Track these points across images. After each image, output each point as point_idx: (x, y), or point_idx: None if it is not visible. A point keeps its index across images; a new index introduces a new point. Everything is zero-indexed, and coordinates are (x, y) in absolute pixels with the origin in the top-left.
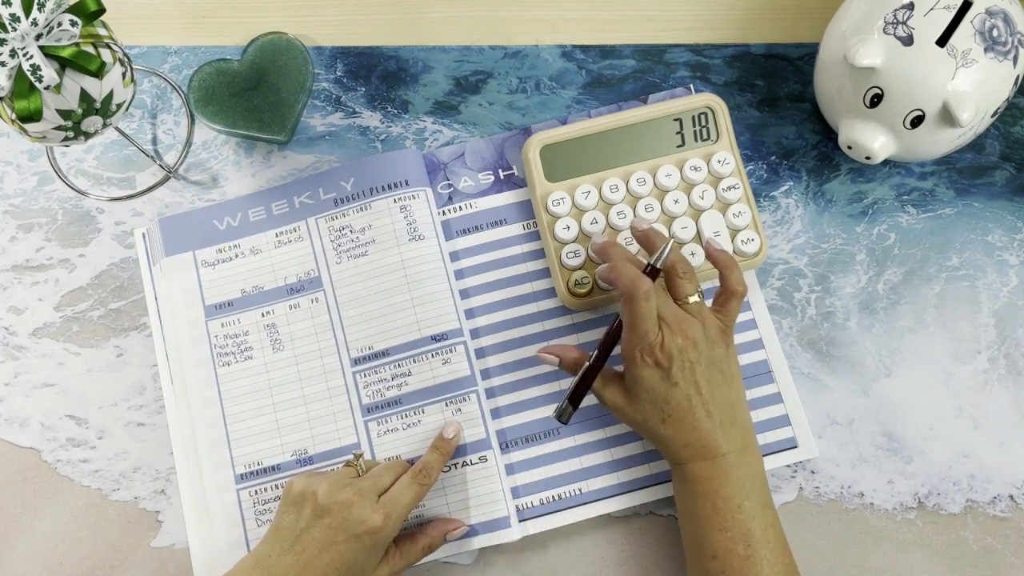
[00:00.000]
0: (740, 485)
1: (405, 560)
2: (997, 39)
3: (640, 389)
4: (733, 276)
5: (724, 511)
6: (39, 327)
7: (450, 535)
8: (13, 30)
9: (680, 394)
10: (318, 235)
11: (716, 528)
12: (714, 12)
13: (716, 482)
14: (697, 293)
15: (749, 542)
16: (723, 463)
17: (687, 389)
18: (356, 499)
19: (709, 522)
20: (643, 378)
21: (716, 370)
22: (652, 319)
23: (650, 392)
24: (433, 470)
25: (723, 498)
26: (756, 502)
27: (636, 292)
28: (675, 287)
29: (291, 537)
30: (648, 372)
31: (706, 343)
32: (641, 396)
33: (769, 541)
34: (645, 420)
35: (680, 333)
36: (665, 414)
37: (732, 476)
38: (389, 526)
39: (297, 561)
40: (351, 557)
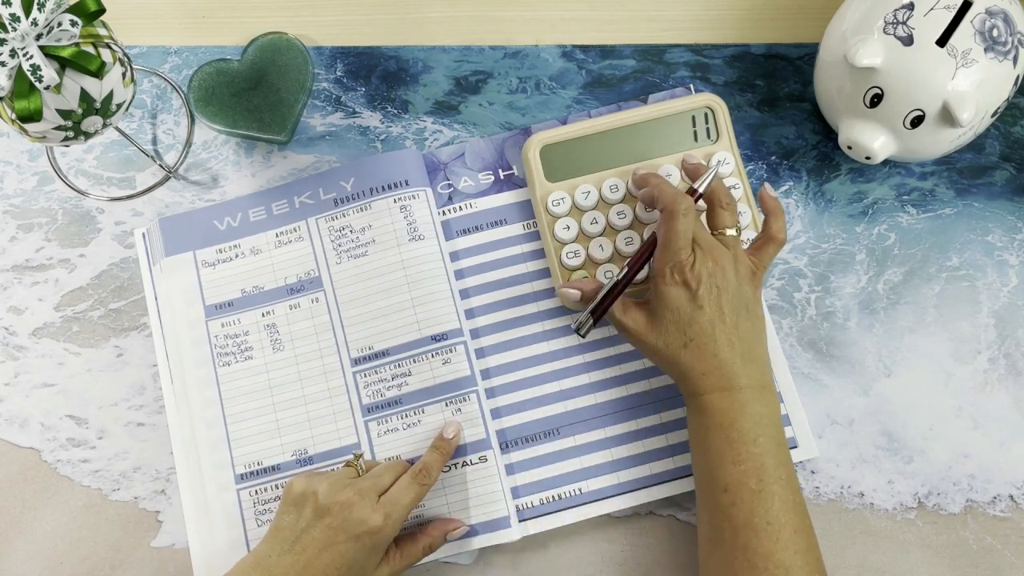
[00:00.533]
0: (756, 420)
1: (405, 560)
2: (997, 39)
3: (665, 309)
4: (777, 222)
5: (738, 444)
6: (39, 327)
7: (450, 535)
8: (13, 30)
9: (704, 318)
10: (318, 235)
11: (729, 461)
12: (714, 12)
13: (732, 414)
14: (736, 228)
15: (761, 476)
16: (740, 396)
17: (712, 314)
18: (356, 499)
19: (722, 455)
20: (669, 296)
21: (742, 305)
22: (687, 238)
23: (675, 312)
24: (433, 470)
25: (738, 431)
26: (771, 439)
27: (676, 207)
28: (716, 216)
29: (291, 537)
30: (675, 291)
31: (735, 275)
32: (665, 317)
33: (781, 478)
34: (667, 344)
35: (712, 258)
36: (688, 338)
37: (748, 410)
38: (389, 526)
39: (297, 561)
40: (351, 557)
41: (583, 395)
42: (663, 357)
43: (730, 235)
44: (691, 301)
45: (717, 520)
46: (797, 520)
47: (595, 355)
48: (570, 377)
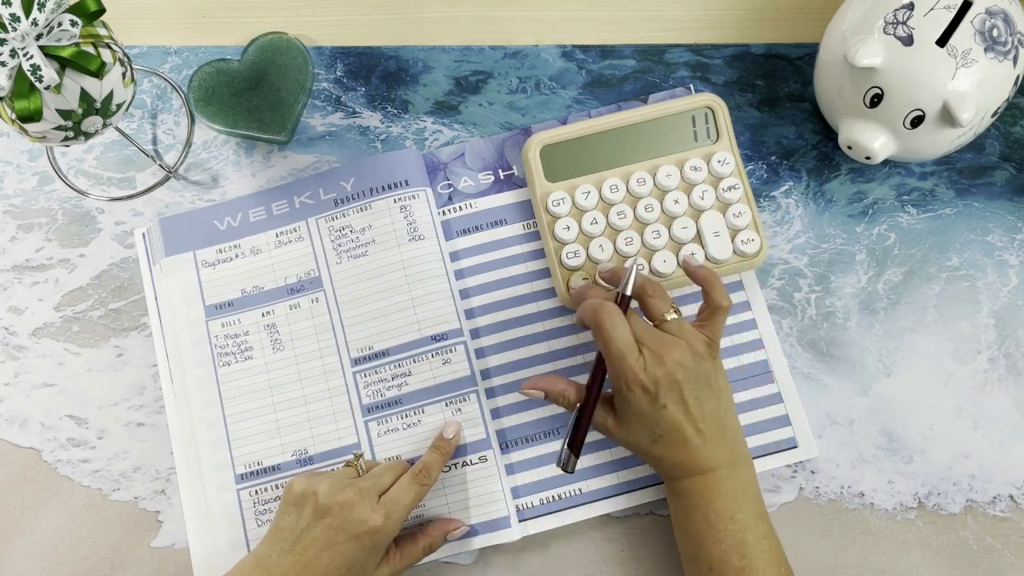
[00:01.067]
0: (732, 497)
1: (406, 560)
2: (997, 39)
3: (630, 414)
4: (716, 292)
5: (717, 523)
6: (39, 327)
7: (451, 535)
8: (13, 30)
9: (669, 416)
10: (318, 235)
11: (710, 540)
12: (714, 12)
13: (708, 495)
14: (673, 310)
15: (744, 552)
16: (714, 476)
17: (675, 410)
18: (357, 499)
19: (703, 535)
20: (631, 403)
21: (704, 386)
22: (627, 343)
23: (639, 416)
24: (433, 470)
25: (715, 510)
26: (749, 513)
27: (601, 319)
28: (649, 308)
29: (292, 537)
30: (635, 398)
31: (692, 360)
32: (631, 420)
33: (764, 551)
34: (636, 442)
35: (664, 356)
36: (656, 435)
37: (723, 488)
38: (390, 526)
39: (298, 561)
40: (352, 557)
41: None
42: (636, 451)
43: (672, 320)
44: (653, 403)
45: None
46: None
47: (594, 355)
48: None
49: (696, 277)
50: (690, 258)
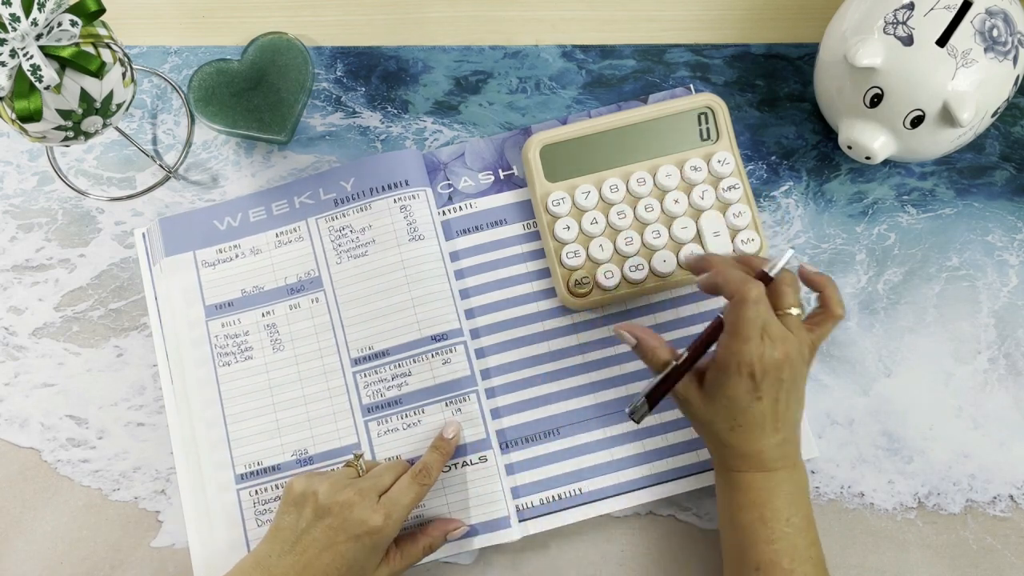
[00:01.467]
0: (790, 500)
1: (406, 560)
2: (997, 39)
3: (721, 395)
4: (835, 298)
5: (772, 523)
6: (39, 327)
7: (451, 535)
8: (13, 30)
9: (760, 408)
10: (318, 235)
11: (762, 540)
12: (714, 12)
13: (767, 494)
14: (798, 306)
15: (793, 556)
16: (776, 477)
17: (768, 405)
18: (357, 499)
19: (755, 533)
20: (730, 385)
21: (796, 388)
22: (758, 327)
23: (731, 399)
24: (433, 470)
25: (772, 510)
26: (803, 518)
27: (747, 295)
28: (781, 296)
29: (291, 538)
30: (738, 382)
31: (798, 360)
32: (719, 400)
33: (811, 558)
34: (713, 423)
35: (781, 349)
36: (737, 423)
37: (783, 490)
38: (390, 526)
39: (298, 562)
40: (352, 557)
41: (583, 395)
42: (706, 431)
43: (795, 315)
44: (751, 392)
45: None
46: None
47: (595, 355)
48: (570, 377)
49: (813, 283)
50: (807, 266)
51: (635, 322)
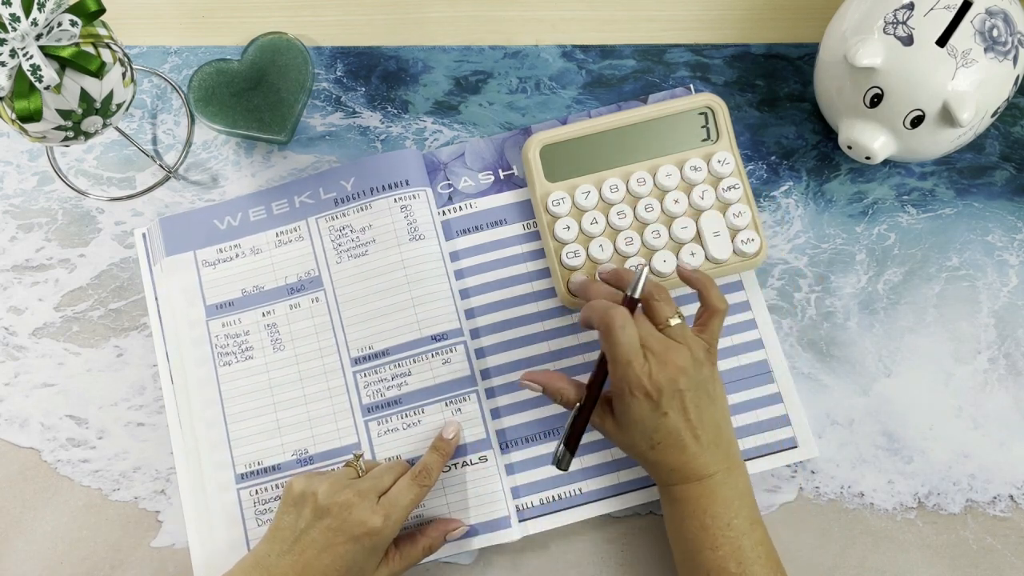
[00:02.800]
0: (727, 504)
1: (405, 561)
2: (997, 39)
3: (629, 420)
4: (712, 294)
5: (713, 529)
6: (39, 327)
7: (450, 535)
8: (13, 30)
9: (669, 423)
10: (318, 235)
11: (707, 547)
12: (714, 12)
13: (704, 501)
14: (677, 315)
15: (740, 559)
16: (710, 483)
17: (676, 418)
18: (356, 500)
19: (699, 541)
20: (632, 408)
21: (703, 393)
22: (634, 348)
23: (639, 423)
24: (433, 471)
25: (711, 516)
26: (744, 519)
27: (612, 323)
28: (655, 312)
29: (291, 537)
30: (638, 404)
31: (693, 367)
32: (630, 424)
33: (760, 557)
34: (633, 445)
35: (668, 362)
36: (654, 442)
37: (719, 495)
38: (389, 527)
39: (297, 562)
40: (351, 559)
41: None
42: (633, 455)
43: (676, 324)
44: (655, 410)
45: None
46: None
47: (595, 355)
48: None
49: (691, 282)
50: (683, 264)
51: None
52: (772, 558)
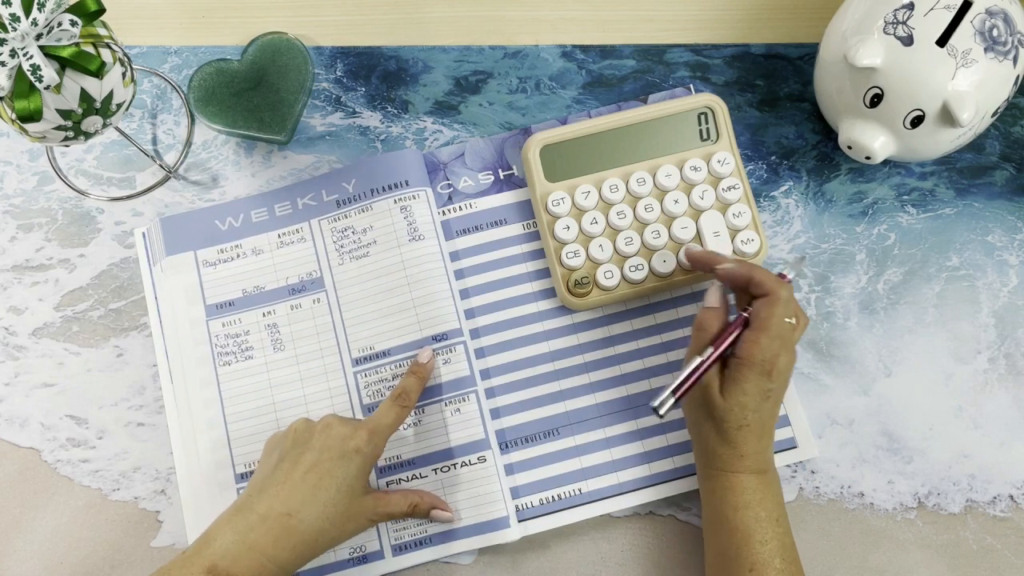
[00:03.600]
0: (779, 500)
1: (388, 506)
2: (997, 39)
3: (738, 390)
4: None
5: (767, 523)
6: (39, 327)
7: (435, 511)
8: (13, 30)
9: (767, 408)
10: (321, 236)
11: (757, 540)
12: (714, 12)
13: (760, 494)
14: (795, 316)
15: (784, 556)
16: (768, 477)
17: (772, 406)
18: (336, 421)
19: (751, 533)
20: (749, 382)
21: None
22: (784, 328)
23: (747, 396)
24: (411, 392)
25: (766, 510)
26: (786, 518)
27: (781, 295)
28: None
29: (268, 472)
30: (758, 380)
31: (792, 370)
32: (734, 396)
33: (796, 559)
34: (724, 419)
35: (788, 352)
36: (746, 422)
37: (773, 490)
38: (373, 444)
39: (281, 490)
40: (340, 476)
41: (583, 395)
42: (710, 431)
43: (790, 323)
44: (764, 391)
45: None
46: None
47: (595, 355)
48: (570, 377)
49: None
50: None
51: (636, 322)
52: (801, 565)
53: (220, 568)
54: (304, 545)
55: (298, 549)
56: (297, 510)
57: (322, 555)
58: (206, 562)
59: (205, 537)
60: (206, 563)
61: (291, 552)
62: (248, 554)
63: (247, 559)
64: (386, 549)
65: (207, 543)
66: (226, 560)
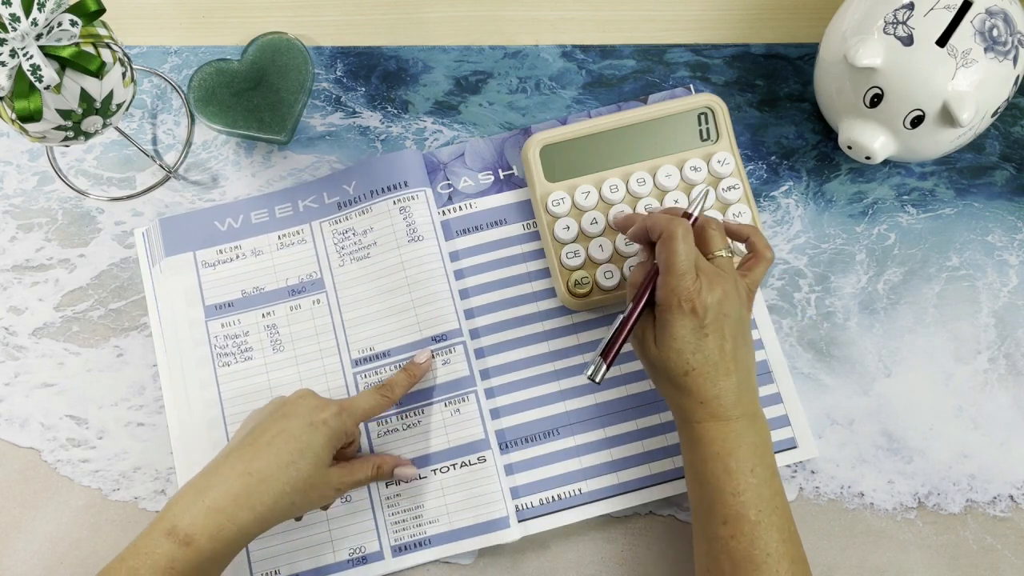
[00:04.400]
0: (753, 449)
1: (354, 475)
2: (997, 39)
3: (670, 336)
4: (760, 241)
5: (737, 474)
6: (39, 327)
7: (399, 469)
8: (13, 30)
9: (709, 346)
10: (322, 238)
11: (728, 492)
12: (714, 12)
13: (730, 444)
14: (727, 249)
15: (760, 507)
16: (736, 426)
17: (717, 342)
18: (309, 393)
19: (721, 486)
20: (676, 325)
21: (741, 331)
22: (691, 262)
23: (680, 340)
24: (397, 387)
25: (737, 460)
26: (766, 468)
27: (674, 231)
28: (708, 239)
29: (238, 440)
30: (683, 320)
31: (737, 300)
32: (670, 343)
33: (778, 508)
34: (667, 369)
35: (716, 286)
36: (690, 366)
37: (745, 439)
38: (343, 420)
39: (245, 453)
40: (304, 441)
41: (583, 395)
42: (664, 379)
43: (724, 256)
44: (697, 330)
45: (715, 552)
46: (795, 550)
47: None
48: (570, 377)
49: (739, 231)
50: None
51: None
52: (787, 510)
53: (179, 529)
54: (263, 506)
55: (257, 509)
56: (258, 469)
57: (323, 556)
58: (166, 524)
59: (169, 501)
60: (166, 525)
61: (250, 512)
62: (207, 514)
63: (206, 519)
64: (386, 550)
65: (169, 507)
66: (185, 520)
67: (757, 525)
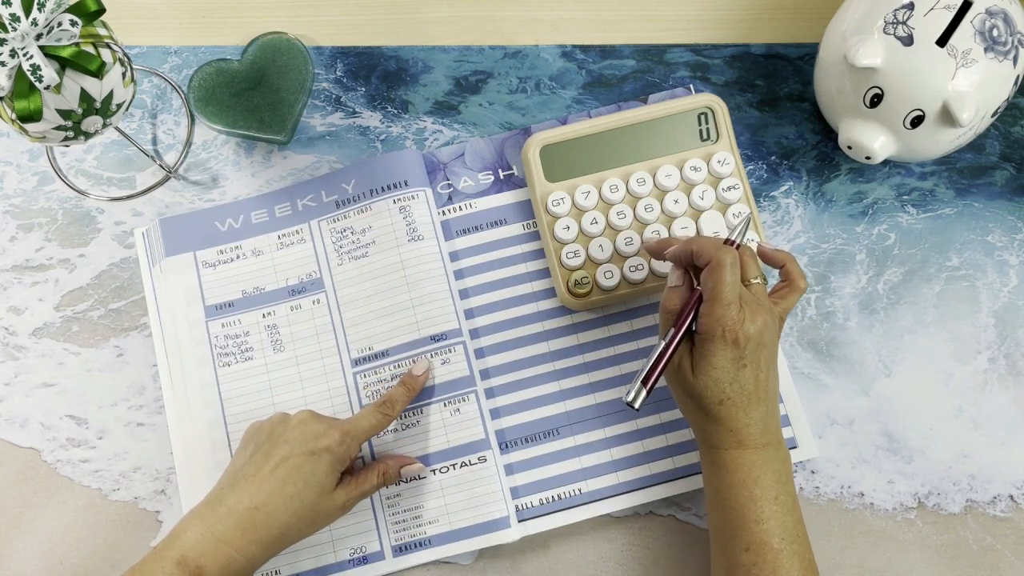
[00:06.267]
0: (777, 477)
1: (360, 488)
2: (997, 39)
3: (709, 366)
4: (796, 269)
5: (761, 502)
6: (39, 327)
7: (405, 469)
8: (13, 30)
9: (745, 376)
10: (320, 237)
11: (752, 519)
12: (714, 12)
13: (756, 472)
14: (760, 277)
15: (783, 535)
16: (763, 453)
17: (753, 372)
18: (311, 417)
19: (746, 513)
20: (717, 355)
21: (773, 360)
22: (736, 292)
23: (719, 370)
24: (396, 402)
25: (762, 488)
26: (789, 496)
27: (723, 260)
28: (745, 267)
29: (240, 465)
30: (724, 351)
31: (773, 329)
32: (707, 372)
33: (799, 536)
34: (702, 396)
35: (759, 315)
36: (725, 396)
37: (770, 467)
38: (346, 445)
39: (251, 484)
40: (308, 471)
41: (583, 395)
42: (695, 406)
43: (757, 284)
44: (736, 360)
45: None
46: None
47: (595, 355)
48: (570, 377)
49: (774, 260)
50: (764, 242)
51: (636, 322)
52: (806, 537)
53: (189, 560)
54: (271, 538)
55: (265, 542)
56: (264, 504)
57: (324, 556)
58: (176, 554)
59: (175, 530)
60: (176, 555)
61: (258, 545)
62: (216, 546)
63: (215, 551)
64: (386, 550)
65: (177, 536)
66: (195, 552)
67: (780, 553)
